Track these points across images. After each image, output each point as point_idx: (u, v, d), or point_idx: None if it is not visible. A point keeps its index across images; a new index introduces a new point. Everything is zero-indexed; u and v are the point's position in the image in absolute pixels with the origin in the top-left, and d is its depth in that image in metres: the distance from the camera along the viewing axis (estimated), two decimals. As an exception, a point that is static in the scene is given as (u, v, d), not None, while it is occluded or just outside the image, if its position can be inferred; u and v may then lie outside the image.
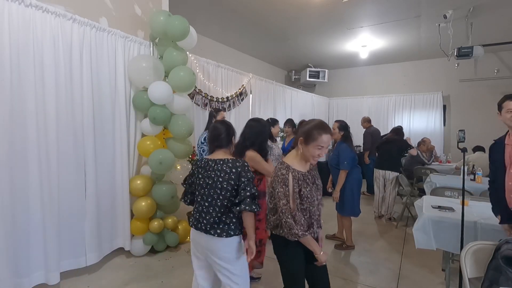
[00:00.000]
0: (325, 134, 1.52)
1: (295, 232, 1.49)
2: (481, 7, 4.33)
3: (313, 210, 1.59)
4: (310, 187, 1.58)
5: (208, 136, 1.83)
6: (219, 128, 1.77)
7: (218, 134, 1.75)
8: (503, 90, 6.47)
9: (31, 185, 2.27)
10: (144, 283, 2.58)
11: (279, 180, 1.54)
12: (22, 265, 2.25)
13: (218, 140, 1.75)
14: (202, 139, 2.93)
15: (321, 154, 1.54)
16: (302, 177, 1.55)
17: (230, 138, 1.78)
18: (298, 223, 1.50)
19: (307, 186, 1.56)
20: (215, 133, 1.77)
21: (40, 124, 2.30)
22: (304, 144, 1.54)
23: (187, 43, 3.16)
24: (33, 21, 2.24)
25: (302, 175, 1.56)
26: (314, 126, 1.54)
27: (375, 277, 2.77)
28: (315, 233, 1.61)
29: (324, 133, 1.52)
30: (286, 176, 1.52)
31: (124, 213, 2.96)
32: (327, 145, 1.53)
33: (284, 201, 1.51)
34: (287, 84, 7.80)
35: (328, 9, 4.46)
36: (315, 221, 1.61)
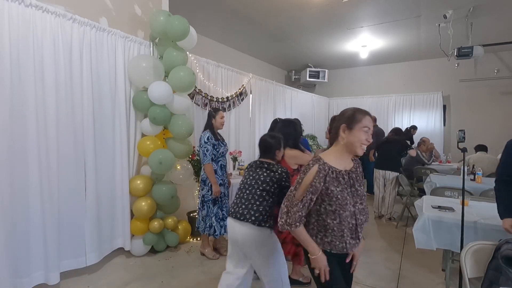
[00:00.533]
0: (368, 116, 1.42)
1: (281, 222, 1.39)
2: (481, 7, 4.33)
3: (345, 215, 1.38)
4: (342, 187, 1.39)
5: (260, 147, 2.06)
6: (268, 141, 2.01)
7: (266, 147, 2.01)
8: (503, 90, 6.49)
9: (31, 185, 2.27)
10: (144, 283, 2.58)
11: (302, 170, 1.44)
12: (22, 265, 2.25)
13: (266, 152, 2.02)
14: (205, 139, 2.88)
15: (368, 138, 1.39)
16: (335, 174, 1.39)
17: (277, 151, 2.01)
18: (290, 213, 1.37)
19: (339, 186, 1.39)
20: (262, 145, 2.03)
21: (40, 124, 2.30)
22: (348, 130, 1.40)
23: (187, 43, 3.16)
24: (33, 21, 2.24)
25: (335, 172, 1.40)
26: (354, 110, 1.44)
27: (375, 277, 2.76)
28: (346, 244, 1.40)
29: (367, 115, 1.42)
30: (310, 166, 1.40)
31: (124, 213, 2.96)
32: (371, 129, 1.41)
33: (292, 187, 1.42)
34: (287, 84, 7.80)
35: (328, 9, 4.47)
36: (348, 229, 1.40)
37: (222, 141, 3.05)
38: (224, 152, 3.05)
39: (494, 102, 6.54)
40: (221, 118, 3.02)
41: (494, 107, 6.55)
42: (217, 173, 2.96)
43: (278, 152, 2.01)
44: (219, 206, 3.00)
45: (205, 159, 2.86)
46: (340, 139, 1.43)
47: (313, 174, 1.36)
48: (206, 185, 2.95)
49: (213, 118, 3.00)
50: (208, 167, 2.87)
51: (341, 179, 1.40)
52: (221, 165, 3.03)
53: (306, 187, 1.36)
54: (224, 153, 3.05)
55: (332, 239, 1.40)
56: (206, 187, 2.95)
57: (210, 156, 2.87)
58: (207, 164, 2.87)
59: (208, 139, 2.88)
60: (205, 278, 2.68)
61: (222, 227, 2.99)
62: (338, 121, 1.48)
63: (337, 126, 1.46)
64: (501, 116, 6.46)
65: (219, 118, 3.01)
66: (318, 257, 1.37)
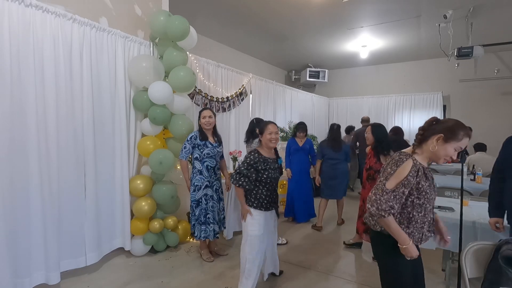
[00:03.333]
0: (468, 138, 1.41)
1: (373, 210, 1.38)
2: (481, 7, 4.33)
3: (428, 209, 1.46)
4: (429, 182, 1.46)
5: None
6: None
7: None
8: (503, 90, 6.49)
9: (31, 185, 2.27)
10: (144, 283, 2.58)
11: (391, 163, 1.46)
12: (22, 265, 2.25)
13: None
14: (188, 137, 2.88)
15: (454, 156, 1.42)
16: (423, 170, 1.44)
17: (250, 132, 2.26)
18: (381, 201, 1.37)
19: (427, 181, 1.44)
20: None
21: (40, 123, 2.30)
22: (443, 141, 1.40)
23: (187, 43, 3.16)
24: (33, 21, 2.24)
25: (423, 168, 1.45)
26: (460, 126, 1.41)
27: (375, 277, 2.76)
28: (423, 235, 1.49)
29: (468, 136, 1.41)
30: (403, 160, 1.42)
31: (124, 213, 2.96)
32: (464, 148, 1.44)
33: (382, 178, 1.44)
34: (287, 84, 7.80)
35: (328, 9, 4.46)
36: (428, 222, 1.49)
37: (212, 142, 2.91)
38: (212, 154, 2.90)
39: (494, 102, 6.54)
40: (203, 118, 2.89)
41: (494, 107, 6.55)
42: (202, 173, 2.87)
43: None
44: (201, 208, 2.88)
45: (181, 154, 2.86)
46: (429, 144, 1.44)
47: (408, 168, 1.39)
48: (192, 185, 2.90)
49: (198, 119, 2.95)
50: (182, 162, 2.88)
51: (428, 175, 1.46)
52: (208, 166, 2.89)
53: (400, 179, 1.39)
54: (212, 154, 2.90)
55: (413, 230, 1.46)
56: (192, 186, 2.91)
57: (187, 154, 2.85)
58: (182, 161, 2.87)
59: (190, 138, 2.86)
60: (205, 278, 2.68)
61: (202, 231, 2.88)
62: (437, 127, 1.45)
63: (434, 132, 1.44)
64: (501, 116, 6.46)
65: (201, 118, 2.90)
66: (409, 247, 1.40)
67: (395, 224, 1.41)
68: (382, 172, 1.51)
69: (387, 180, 1.41)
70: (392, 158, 1.50)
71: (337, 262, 3.05)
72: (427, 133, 1.47)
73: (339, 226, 4.16)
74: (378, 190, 1.42)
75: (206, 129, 2.91)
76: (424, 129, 1.50)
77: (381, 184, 1.43)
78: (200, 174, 2.87)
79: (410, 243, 1.40)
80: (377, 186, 1.44)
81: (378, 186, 1.44)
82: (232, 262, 2.97)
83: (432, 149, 1.42)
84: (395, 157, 1.48)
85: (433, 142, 1.42)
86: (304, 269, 2.86)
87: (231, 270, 2.83)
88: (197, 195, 2.87)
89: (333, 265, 2.97)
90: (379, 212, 1.38)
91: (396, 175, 1.40)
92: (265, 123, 2.34)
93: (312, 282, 2.66)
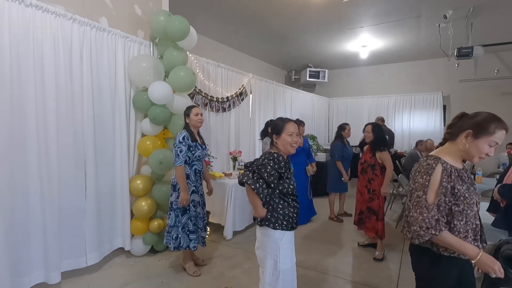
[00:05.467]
0: (504, 130, 1.24)
1: (423, 232, 1.21)
2: (481, 7, 4.34)
3: (471, 215, 1.27)
4: (467, 185, 1.29)
5: None
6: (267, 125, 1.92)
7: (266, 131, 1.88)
8: (503, 90, 6.49)
9: (31, 185, 2.27)
10: (144, 283, 2.58)
11: (421, 171, 1.29)
12: (22, 264, 2.26)
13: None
14: (180, 138, 2.53)
15: (490, 153, 1.26)
16: (456, 172, 1.28)
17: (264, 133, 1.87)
18: (428, 220, 1.22)
19: (464, 184, 1.28)
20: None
21: (40, 123, 2.30)
22: (473, 138, 1.25)
23: (187, 43, 3.16)
24: (33, 21, 2.24)
25: (457, 170, 1.29)
26: (491, 118, 1.25)
27: (375, 277, 2.77)
28: None
29: (504, 129, 1.24)
30: (433, 166, 1.27)
31: (124, 213, 2.96)
32: (501, 142, 1.27)
33: (419, 192, 1.27)
34: (287, 84, 7.81)
35: (328, 9, 4.47)
36: (472, 230, 1.28)
37: (201, 144, 2.67)
38: (201, 156, 2.68)
39: (494, 102, 6.54)
40: (195, 115, 2.62)
41: (494, 107, 6.52)
42: (189, 178, 2.60)
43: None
44: (189, 216, 2.63)
45: (177, 161, 2.49)
46: (459, 142, 1.30)
47: (439, 174, 1.26)
48: (176, 191, 2.58)
49: (186, 117, 2.64)
50: (179, 170, 2.50)
51: (464, 177, 1.30)
52: (196, 170, 2.65)
53: (437, 189, 1.25)
54: (201, 157, 2.68)
55: None
56: (176, 193, 2.58)
57: (184, 158, 2.51)
58: (179, 167, 2.50)
59: (183, 139, 2.52)
60: (205, 278, 2.68)
61: (191, 240, 2.63)
62: (464, 122, 1.31)
63: (462, 128, 1.30)
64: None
65: (193, 116, 2.62)
66: (482, 259, 1.20)
67: (453, 238, 1.23)
68: (413, 181, 1.35)
69: (426, 195, 1.25)
70: (419, 165, 1.34)
71: (337, 262, 3.05)
72: (455, 130, 1.33)
73: (338, 223, 4.22)
74: (422, 208, 1.25)
75: (195, 128, 2.67)
76: (451, 125, 1.35)
77: (421, 200, 1.26)
78: (187, 179, 2.58)
79: (480, 252, 1.20)
80: (419, 204, 1.26)
81: (419, 203, 1.26)
82: (232, 262, 2.97)
83: (463, 147, 1.28)
84: (423, 164, 1.32)
85: (462, 139, 1.28)
86: (304, 269, 2.86)
87: (231, 270, 2.83)
88: None
89: (333, 265, 2.97)
90: (429, 232, 1.21)
91: (431, 187, 1.25)
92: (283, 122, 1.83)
93: (312, 282, 2.66)
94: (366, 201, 3.15)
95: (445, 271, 1.29)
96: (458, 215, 1.26)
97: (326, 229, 4.01)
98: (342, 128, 4.30)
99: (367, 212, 3.15)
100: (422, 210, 1.24)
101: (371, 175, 3.09)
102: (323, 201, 5.26)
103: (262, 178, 1.64)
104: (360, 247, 3.40)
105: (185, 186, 2.53)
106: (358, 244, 3.46)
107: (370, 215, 3.12)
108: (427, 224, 1.22)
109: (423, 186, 1.27)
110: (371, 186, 3.09)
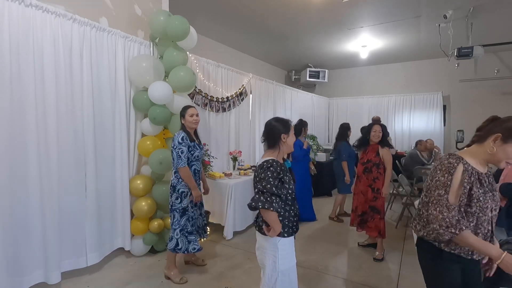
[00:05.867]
0: None
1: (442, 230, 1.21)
2: (481, 7, 4.33)
3: (482, 219, 1.28)
4: (485, 190, 1.28)
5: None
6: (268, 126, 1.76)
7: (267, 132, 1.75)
8: (503, 90, 6.49)
9: (31, 185, 2.27)
10: (144, 283, 2.58)
11: (442, 169, 1.30)
12: (21, 264, 2.26)
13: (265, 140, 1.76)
14: (179, 139, 2.48)
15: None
16: (477, 175, 1.28)
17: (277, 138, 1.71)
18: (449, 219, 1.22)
19: (481, 188, 1.28)
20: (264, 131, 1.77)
21: (40, 123, 2.30)
22: (501, 142, 1.24)
23: (187, 43, 3.17)
24: (33, 21, 2.24)
25: (477, 173, 1.29)
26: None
27: (375, 277, 2.77)
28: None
29: None
30: (454, 165, 1.27)
31: (124, 213, 2.96)
32: None
33: (441, 191, 1.27)
34: (287, 84, 7.81)
35: (328, 9, 4.46)
36: (483, 235, 1.29)
37: (198, 144, 2.65)
38: (199, 156, 2.66)
39: (494, 102, 6.54)
40: (190, 116, 2.58)
41: (494, 107, 6.53)
42: None
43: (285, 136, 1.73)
44: (188, 217, 2.58)
45: (180, 162, 2.46)
46: (486, 145, 1.29)
47: (460, 174, 1.26)
48: (176, 192, 2.54)
49: (182, 118, 2.61)
50: (184, 170, 2.48)
51: (483, 181, 1.30)
52: (195, 170, 2.63)
53: (457, 189, 1.26)
54: (199, 157, 2.67)
55: None
56: (176, 194, 2.54)
57: (185, 158, 2.49)
58: (183, 168, 2.47)
59: (182, 139, 2.48)
60: (205, 278, 2.68)
61: (190, 242, 2.57)
62: (495, 126, 1.31)
63: (491, 132, 1.29)
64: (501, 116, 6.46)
65: (188, 117, 2.57)
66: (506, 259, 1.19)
67: (474, 238, 1.23)
68: (431, 178, 1.35)
69: (448, 194, 1.25)
70: (440, 162, 1.33)
71: (337, 262, 3.05)
72: (484, 133, 1.31)
73: (338, 223, 4.23)
74: (442, 207, 1.25)
75: (191, 128, 2.62)
76: (480, 128, 1.33)
77: (444, 199, 1.25)
78: None
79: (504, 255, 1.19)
80: (440, 202, 1.26)
81: (440, 201, 1.26)
82: (232, 262, 2.97)
83: (490, 151, 1.26)
84: (444, 162, 1.31)
85: (490, 143, 1.27)
86: (304, 269, 2.86)
87: (231, 270, 2.83)
88: (184, 203, 2.55)
89: (333, 265, 2.97)
90: (449, 231, 1.22)
91: (453, 186, 1.26)
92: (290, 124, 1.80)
93: (312, 282, 2.66)
94: (369, 200, 3.15)
95: (447, 267, 1.31)
96: (470, 216, 1.27)
97: (326, 229, 4.01)
98: (348, 128, 4.34)
99: (370, 211, 3.14)
100: (442, 209, 1.24)
101: (376, 174, 3.11)
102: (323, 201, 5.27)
103: (273, 194, 1.58)
104: (360, 247, 3.40)
105: (194, 184, 2.55)
106: (358, 244, 3.46)
107: (373, 214, 3.12)
108: (447, 223, 1.22)
109: (444, 185, 1.26)
110: (376, 185, 3.11)
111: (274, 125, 1.74)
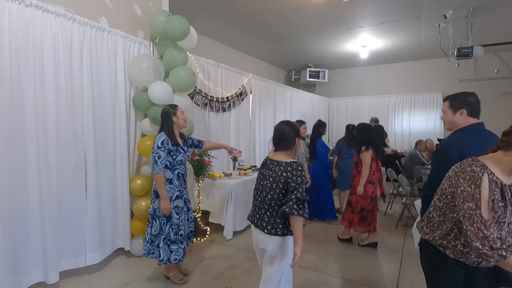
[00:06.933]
0: None
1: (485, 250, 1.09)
2: (481, 7, 4.34)
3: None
4: (506, 203, 1.16)
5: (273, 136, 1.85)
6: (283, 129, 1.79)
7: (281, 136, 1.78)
8: (503, 90, 6.49)
9: (31, 185, 2.27)
10: (144, 283, 2.58)
11: (466, 177, 1.16)
12: (20, 264, 2.26)
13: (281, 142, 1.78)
14: (159, 143, 2.31)
15: None
16: (500, 186, 1.16)
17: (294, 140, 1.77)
18: (492, 238, 1.10)
19: (502, 201, 1.16)
20: (278, 134, 1.80)
21: (40, 123, 2.30)
22: None
23: (187, 43, 3.17)
24: (33, 21, 2.24)
25: (501, 184, 1.16)
26: None
27: (375, 277, 2.77)
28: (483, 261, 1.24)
29: None
30: (480, 175, 1.14)
31: (124, 213, 2.96)
32: None
33: (471, 204, 1.13)
34: (287, 84, 7.81)
35: (328, 9, 4.47)
36: None
37: (182, 146, 2.46)
38: (183, 160, 2.48)
39: (494, 102, 6.54)
40: (182, 114, 2.49)
41: (494, 107, 6.54)
42: (172, 183, 2.40)
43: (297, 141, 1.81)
44: (172, 224, 2.41)
45: (155, 167, 2.30)
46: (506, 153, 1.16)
47: (487, 186, 1.14)
48: (159, 197, 2.37)
49: (173, 116, 2.42)
50: (158, 177, 2.31)
51: (506, 194, 1.17)
52: (179, 174, 2.45)
53: (488, 202, 1.14)
54: (183, 161, 2.48)
55: (469, 250, 1.23)
56: (159, 199, 2.37)
57: (163, 164, 2.31)
58: (158, 174, 2.31)
59: (162, 144, 2.31)
60: (205, 278, 2.68)
61: (172, 252, 2.41)
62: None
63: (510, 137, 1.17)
64: (501, 116, 6.44)
65: (180, 114, 2.46)
66: None
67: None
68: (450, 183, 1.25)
69: (480, 209, 1.13)
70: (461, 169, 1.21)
71: (337, 262, 3.05)
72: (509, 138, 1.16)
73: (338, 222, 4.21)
74: (478, 223, 1.12)
75: (181, 127, 2.52)
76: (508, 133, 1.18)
77: (477, 215, 1.13)
78: (170, 184, 2.39)
79: None
80: (474, 219, 1.13)
81: (474, 217, 1.13)
82: (232, 262, 2.97)
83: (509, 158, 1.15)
84: (467, 169, 1.18)
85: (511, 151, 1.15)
86: (304, 269, 2.86)
87: (231, 270, 2.83)
88: None
89: (333, 265, 2.97)
90: (496, 252, 1.09)
91: (483, 200, 1.13)
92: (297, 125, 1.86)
93: (312, 282, 2.66)
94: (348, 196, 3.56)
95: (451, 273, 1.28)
96: None
97: (326, 229, 4.01)
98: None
99: (347, 205, 3.49)
100: (479, 226, 1.12)
101: (354, 172, 3.43)
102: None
103: (305, 200, 1.63)
104: (360, 247, 3.40)
105: (166, 194, 2.34)
106: (358, 244, 3.46)
107: (347, 207, 3.46)
108: (490, 243, 1.10)
109: (474, 198, 1.14)
110: (353, 182, 3.42)
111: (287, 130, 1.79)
